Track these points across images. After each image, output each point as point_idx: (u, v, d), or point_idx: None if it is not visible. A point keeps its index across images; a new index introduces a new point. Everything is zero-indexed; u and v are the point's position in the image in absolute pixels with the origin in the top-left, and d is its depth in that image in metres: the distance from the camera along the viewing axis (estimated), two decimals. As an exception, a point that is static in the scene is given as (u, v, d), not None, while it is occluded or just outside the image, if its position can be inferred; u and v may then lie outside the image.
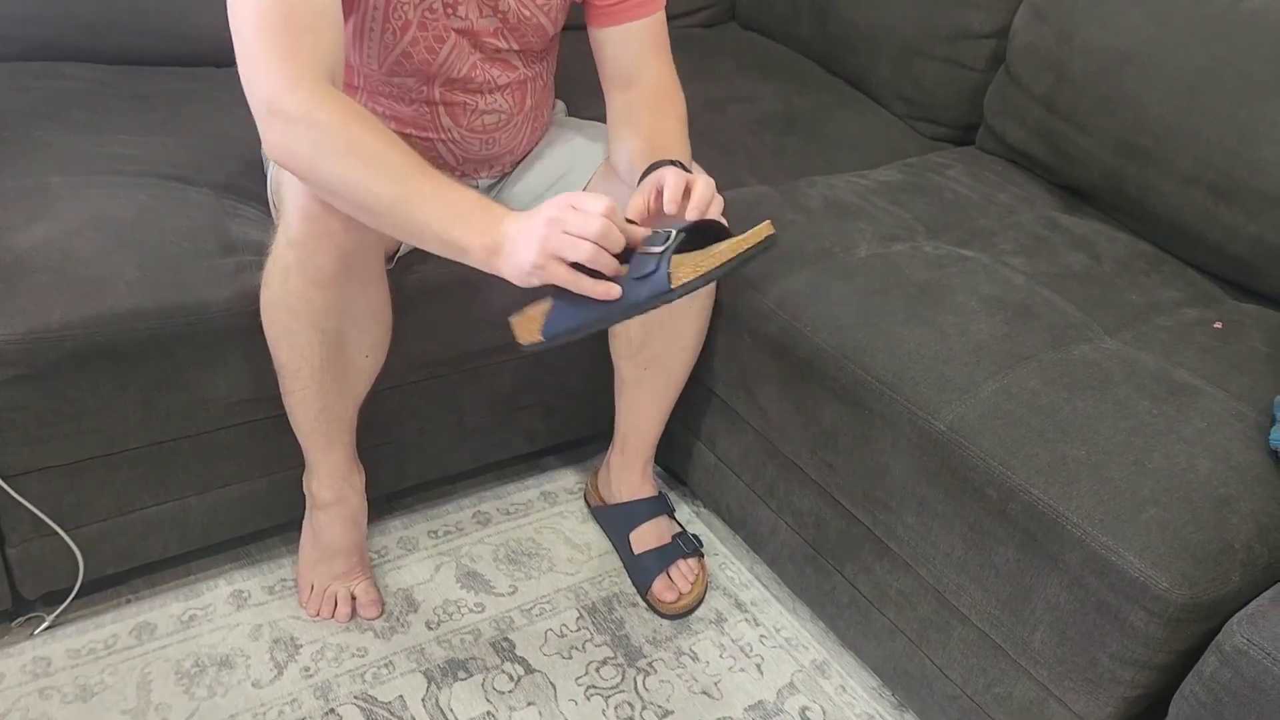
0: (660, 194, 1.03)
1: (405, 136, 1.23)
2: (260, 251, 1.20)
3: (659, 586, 1.43)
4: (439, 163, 1.28)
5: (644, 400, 1.41)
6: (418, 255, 1.28)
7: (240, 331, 1.19)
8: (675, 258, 0.93)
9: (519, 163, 1.37)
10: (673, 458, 1.62)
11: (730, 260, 0.92)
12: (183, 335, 1.16)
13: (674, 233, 0.94)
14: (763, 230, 0.93)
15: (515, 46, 1.22)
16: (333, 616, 1.33)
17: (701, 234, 0.98)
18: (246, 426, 1.29)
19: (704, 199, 1.01)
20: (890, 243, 1.41)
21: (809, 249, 1.37)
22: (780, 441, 1.36)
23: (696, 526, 1.59)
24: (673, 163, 1.11)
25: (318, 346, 1.14)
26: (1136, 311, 1.33)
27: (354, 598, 1.35)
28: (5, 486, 1.15)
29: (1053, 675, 1.08)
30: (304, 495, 1.33)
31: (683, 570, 1.44)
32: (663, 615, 1.42)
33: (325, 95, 0.95)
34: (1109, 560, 0.99)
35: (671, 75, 1.25)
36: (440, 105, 1.22)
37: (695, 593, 1.44)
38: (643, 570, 1.45)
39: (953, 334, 1.22)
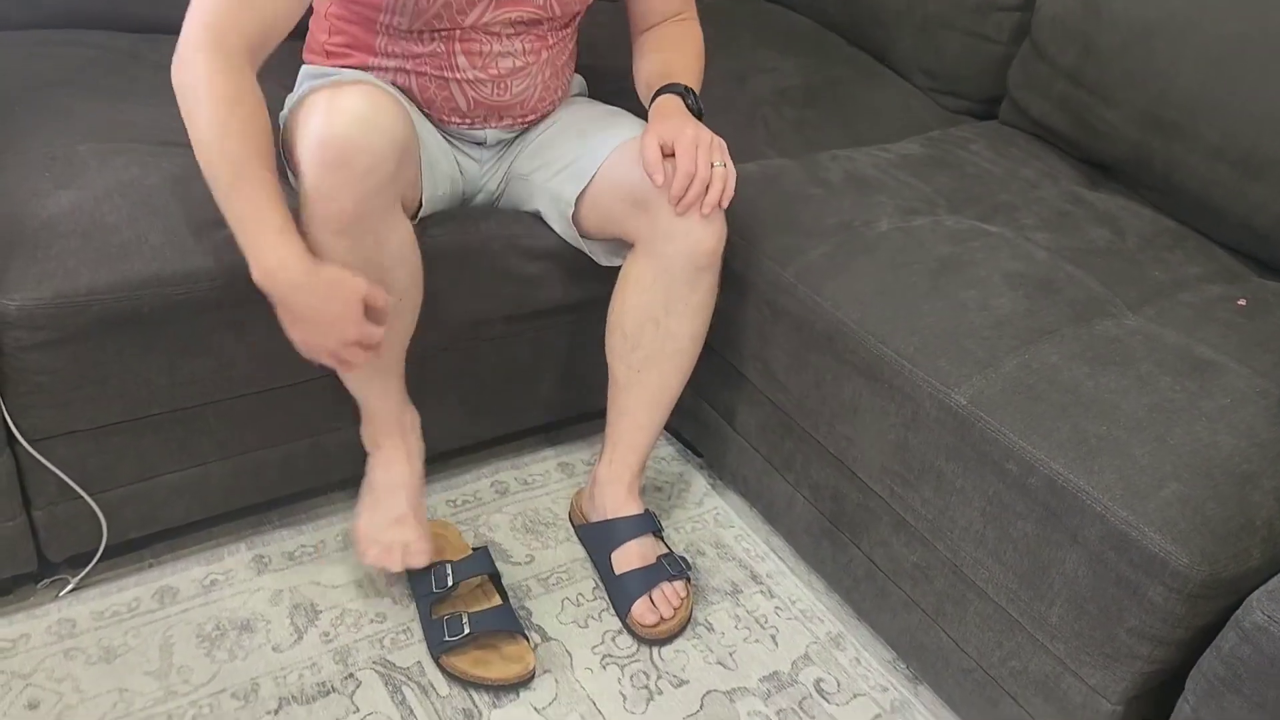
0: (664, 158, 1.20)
1: (420, 76, 1.25)
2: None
3: (639, 609, 1.33)
4: (451, 105, 1.27)
5: (636, 405, 1.36)
6: (432, 221, 1.28)
7: (263, 298, 1.19)
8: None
9: (531, 127, 1.37)
10: (689, 430, 1.63)
11: None
12: (207, 301, 1.17)
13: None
14: None
15: (546, 15, 1.25)
16: (386, 564, 1.28)
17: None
18: (269, 394, 1.30)
19: (680, 185, 1.19)
20: (911, 217, 1.40)
21: (829, 223, 1.37)
22: (798, 415, 1.36)
23: (713, 500, 1.59)
24: (678, 92, 1.27)
25: None
26: (1160, 287, 1.32)
27: (405, 548, 1.29)
28: (31, 450, 1.16)
29: (1069, 650, 1.08)
30: (331, 458, 1.35)
31: (666, 594, 1.35)
32: (641, 639, 1.34)
33: (224, 68, 1.02)
34: (1129, 535, 0.99)
35: (693, 16, 1.40)
36: (458, 45, 1.23)
37: (679, 618, 1.34)
38: (623, 592, 1.35)
39: (974, 308, 1.22)
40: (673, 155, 1.20)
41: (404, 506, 1.30)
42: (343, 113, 1.05)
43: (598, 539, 1.41)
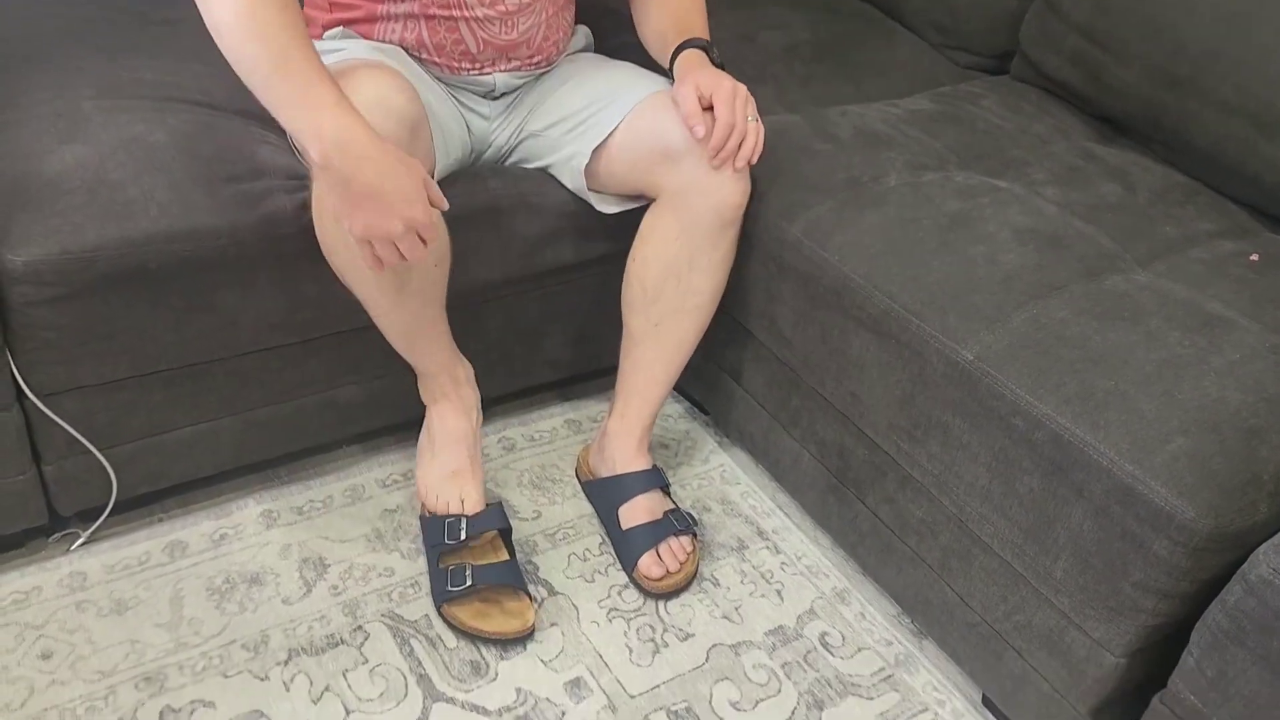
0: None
1: (429, 19, 1.24)
2: (289, 176, 1.21)
3: (645, 563, 1.33)
4: (461, 48, 1.26)
5: (652, 360, 1.37)
6: (441, 183, 1.27)
7: (270, 256, 1.19)
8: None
9: (542, 75, 1.35)
10: (696, 388, 1.63)
11: None
12: (213, 258, 1.16)
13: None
14: None
15: None
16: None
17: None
18: (277, 351, 1.30)
19: (721, 136, 1.19)
20: (921, 172, 1.39)
21: (837, 178, 1.36)
22: (805, 371, 1.36)
23: (719, 457, 1.59)
24: (701, 46, 1.27)
25: (381, 275, 1.13)
26: (1170, 243, 1.31)
27: (463, 501, 1.31)
28: (40, 405, 1.17)
29: (1074, 604, 1.08)
30: (339, 414, 1.35)
31: (673, 548, 1.35)
32: (647, 593, 1.35)
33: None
34: (1134, 489, 0.99)
35: None
36: None
37: (685, 572, 1.35)
38: (630, 545, 1.35)
39: (982, 263, 1.21)
40: (710, 108, 1.21)
41: (463, 460, 1.32)
42: (355, 94, 1.04)
43: (605, 494, 1.41)
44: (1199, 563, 0.98)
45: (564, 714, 1.19)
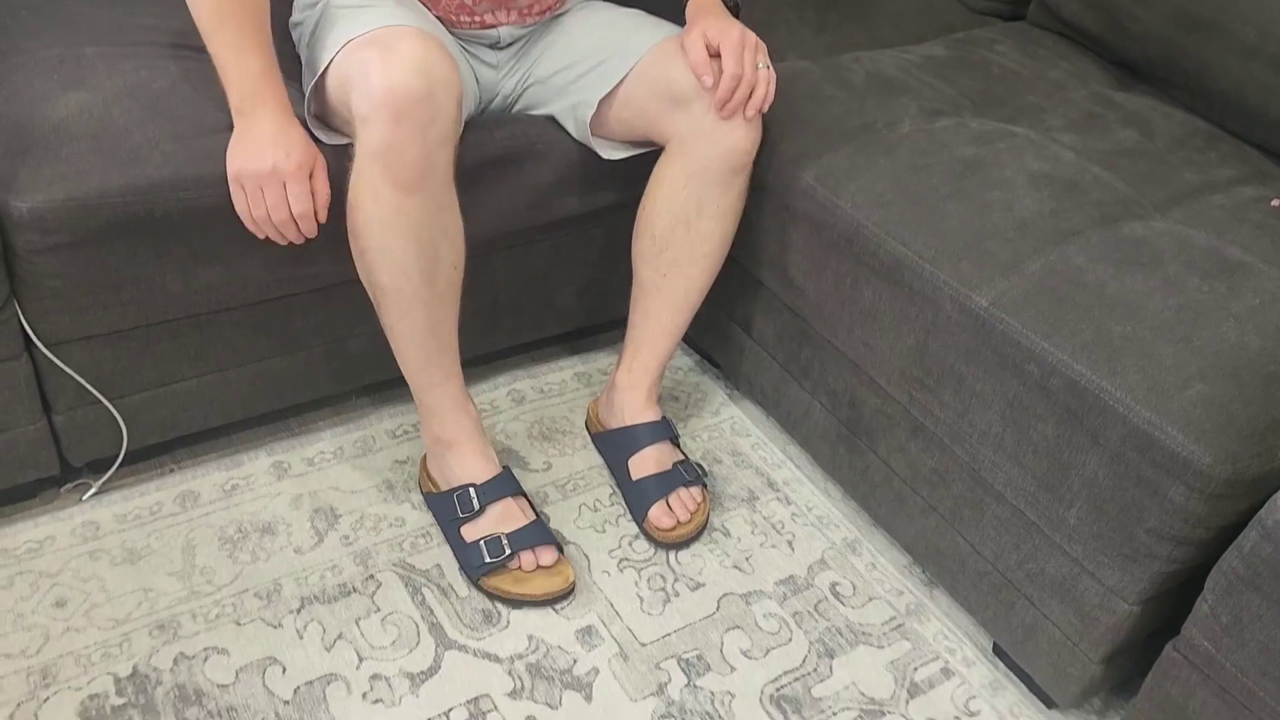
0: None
1: None
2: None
3: (656, 513, 1.33)
4: (458, 2, 1.24)
5: (661, 309, 1.35)
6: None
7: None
8: None
9: (546, 28, 1.33)
10: (706, 341, 1.62)
11: None
12: (219, 207, 1.15)
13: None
14: None
15: None
16: (530, 583, 1.24)
17: None
18: (284, 300, 1.29)
19: (727, 87, 1.19)
20: (935, 118, 1.36)
21: (850, 124, 1.34)
22: (816, 321, 1.35)
23: (730, 409, 1.59)
24: None
25: (416, 260, 1.12)
26: (1189, 189, 1.29)
27: (538, 563, 1.25)
28: (48, 354, 1.17)
29: (1087, 551, 1.08)
30: (349, 365, 1.34)
31: (683, 498, 1.35)
32: (658, 544, 1.35)
33: None
34: (1151, 435, 0.98)
35: None
36: None
37: (695, 522, 1.35)
38: (640, 496, 1.35)
39: (997, 210, 1.19)
40: (718, 56, 1.19)
41: (465, 431, 1.27)
42: (401, 63, 1.03)
43: (615, 445, 1.41)
44: (1215, 509, 0.97)
45: (575, 661, 1.20)
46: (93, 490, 1.31)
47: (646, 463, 1.36)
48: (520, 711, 1.14)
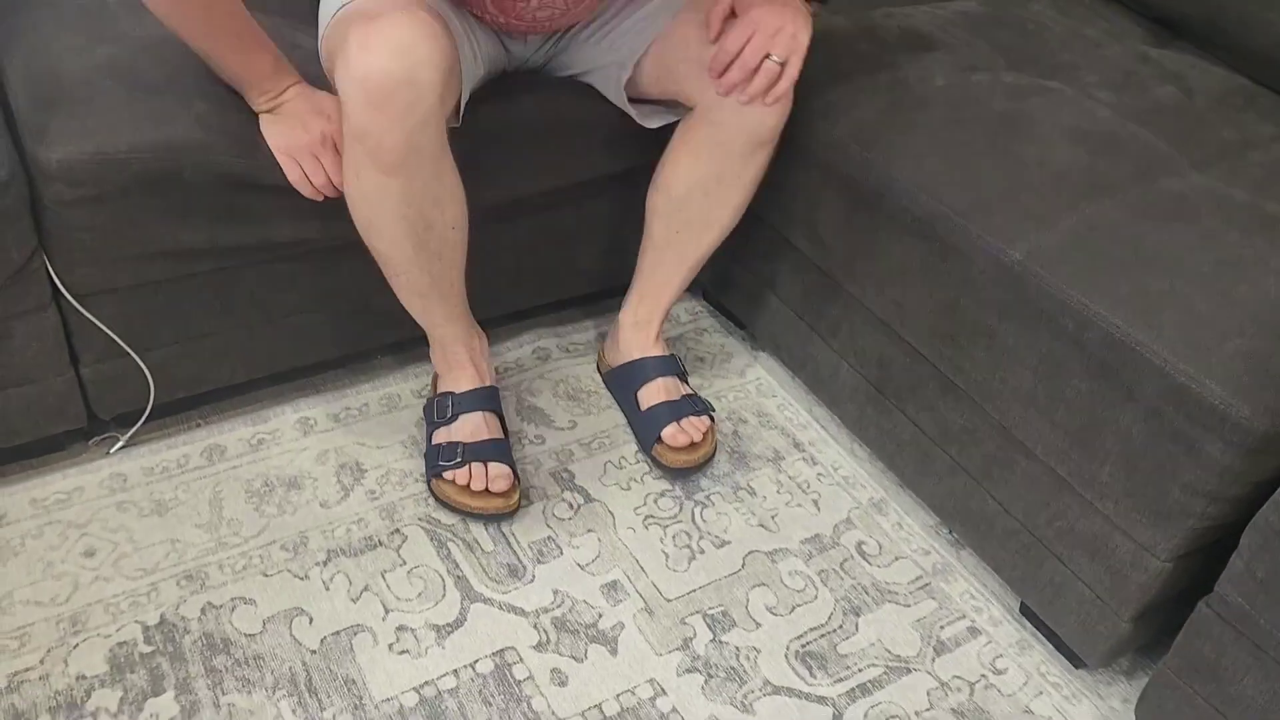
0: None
1: None
2: (316, 84, 1.18)
3: (670, 431, 1.34)
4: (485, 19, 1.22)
5: (669, 264, 1.37)
6: (476, 97, 1.24)
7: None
8: None
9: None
10: (733, 302, 1.61)
11: None
12: (249, 171, 1.14)
13: None
14: None
15: None
16: (467, 489, 1.26)
17: None
18: (309, 258, 1.29)
19: (720, 63, 1.16)
20: (969, 73, 1.34)
21: (882, 79, 1.32)
22: (845, 279, 1.33)
23: (755, 370, 1.58)
24: None
25: (405, 233, 1.13)
26: (1228, 147, 1.27)
27: (487, 477, 1.27)
28: (76, 305, 1.17)
29: (1119, 509, 1.07)
30: (374, 322, 1.34)
31: (694, 423, 1.36)
32: (671, 469, 1.35)
33: None
34: (1188, 389, 0.96)
35: None
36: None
37: (705, 448, 1.36)
38: (650, 423, 1.36)
39: (1032, 164, 1.17)
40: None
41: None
42: (380, 45, 1.01)
43: (624, 379, 1.43)
44: (1252, 464, 0.96)
45: (600, 616, 1.20)
46: (120, 444, 1.32)
47: (655, 392, 1.38)
48: (546, 664, 1.14)
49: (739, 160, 1.26)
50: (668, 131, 1.31)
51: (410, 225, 1.13)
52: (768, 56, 1.15)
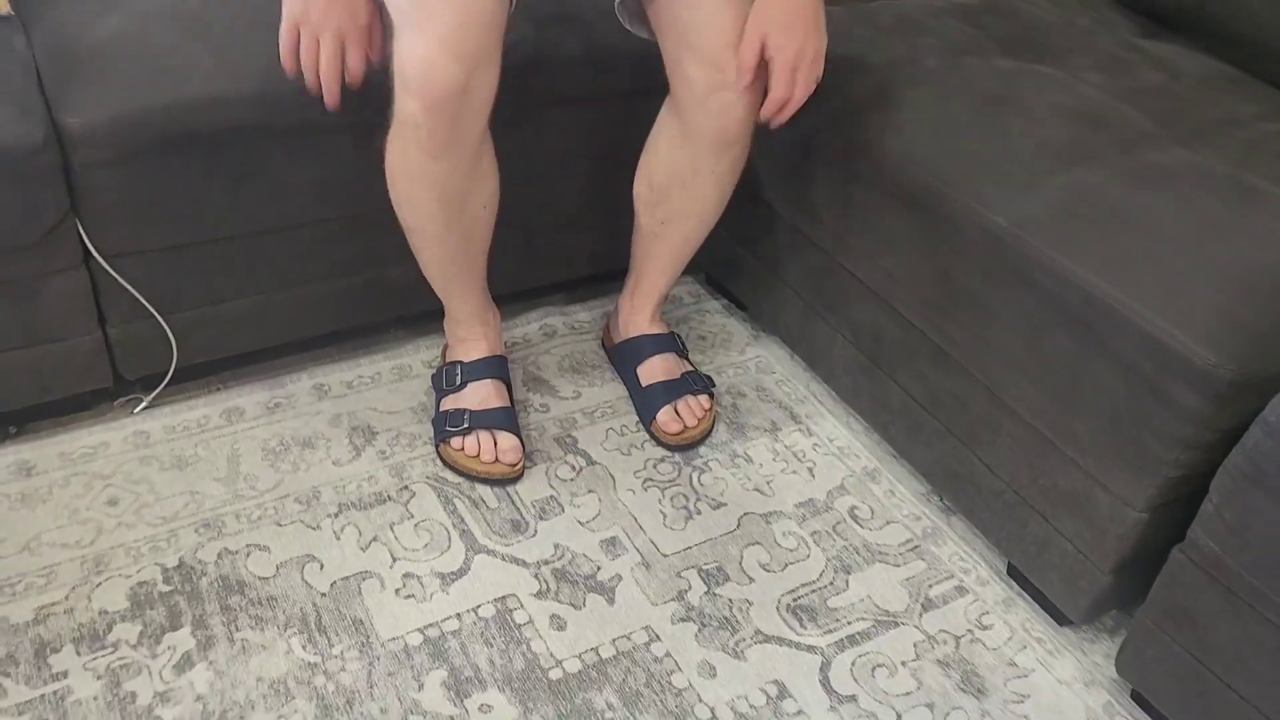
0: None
1: None
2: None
3: (664, 417, 1.40)
4: None
5: (658, 253, 1.41)
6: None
7: (310, 124, 1.23)
8: None
9: None
10: (733, 282, 1.66)
11: None
12: (259, 124, 1.21)
13: None
14: None
15: None
16: (476, 458, 1.32)
17: None
18: (325, 225, 1.35)
19: (771, 110, 1.19)
20: (960, 56, 1.39)
21: (876, 60, 1.37)
22: (840, 254, 1.38)
23: (755, 349, 1.63)
24: None
25: (439, 210, 1.19)
26: (1210, 124, 1.31)
27: (496, 443, 1.33)
28: (106, 265, 1.23)
29: (1098, 462, 1.11)
30: (387, 294, 1.40)
31: (690, 405, 1.42)
32: (667, 447, 1.41)
33: None
34: (1160, 341, 1.01)
35: None
36: None
37: (701, 427, 1.42)
38: (648, 401, 1.42)
39: (1018, 136, 1.22)
40: (765, 64, 1.17)
41: (475, 330, 1.36)
42: (438, 52, 1.05)
43: (624, 355, 1.49)
44: (1222, 411, 1.00)
45: (599, 569, 1.24)
46: (144, 404, 1.38)
47: (655, 370, 1.43)
48: (545, 610, 1.19)
49: (710, 156, 1.27)
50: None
51: (446, 203, 1.19)
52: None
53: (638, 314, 1.48)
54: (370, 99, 1.17)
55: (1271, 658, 0.99)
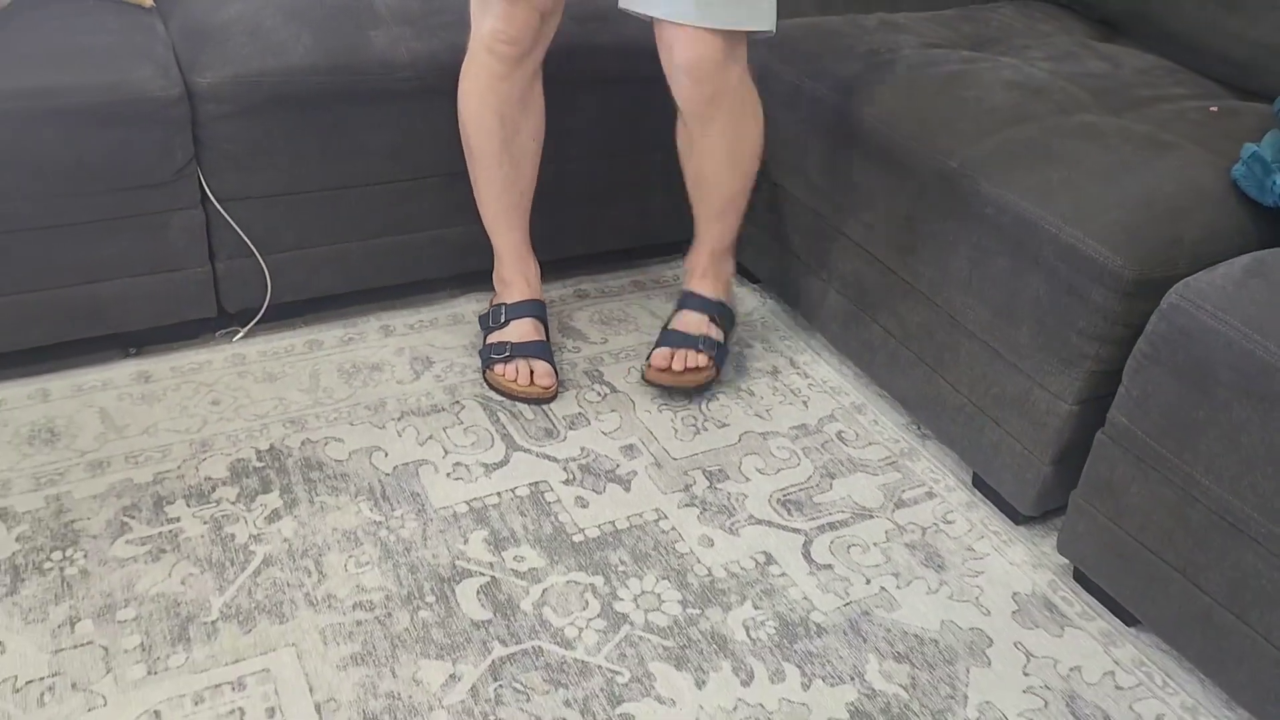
0: None
1: None
2: (404, 21, 1.53)
3: (657, 355, 1.57)
4: None
5: (700, 217, 1.56)
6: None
7: (385, 92, 1.51)
8: None
9: None
10: (744, 255, 1.89)
11: None
12: (344, 90, 1.49)
13: None
14: None
15: None
16: (515, 382, 1.55)
17: None
18: (396, 186, 1.62)
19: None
20: (932, 48, 1.64)
21: (859, 50, 1.62)
22: (832, 215, 1.62)
23: (761, 312, 1.85)
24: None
25: (498, 127, 1.46)
26: (1142, 100, 1.54)
27: (533, 370, 1.55)
28: (219, 207, 1.50)
29: (1035, 364, 1.32)
30: (446, 252, 1.66)
31: (687, 356, 1.56)
32: (648, 383, 1.59)
33: None
34: (1076, 248, 1.22)
35: None
36: None
37: (687, 377, 1.56)
38: (661, 340, 1.60)
39: (972, 103, 1.46)
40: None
41: (516, 274, 1.60)
42: (503, 40, 1.37)
43: (677, 304, 1.66)
44: (1129, 307, 1.21)
45: (618, 466, 1.47)
46: (240, 334, 1.64)
47: (682, 321, 1.63)
48: (571, 493, 1.41)
49: (698, 126, 1.44)
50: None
51: (503, 123, 1.45)
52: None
53: (693, 270, 1.63)
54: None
55: (1171, 511, 1.18)
